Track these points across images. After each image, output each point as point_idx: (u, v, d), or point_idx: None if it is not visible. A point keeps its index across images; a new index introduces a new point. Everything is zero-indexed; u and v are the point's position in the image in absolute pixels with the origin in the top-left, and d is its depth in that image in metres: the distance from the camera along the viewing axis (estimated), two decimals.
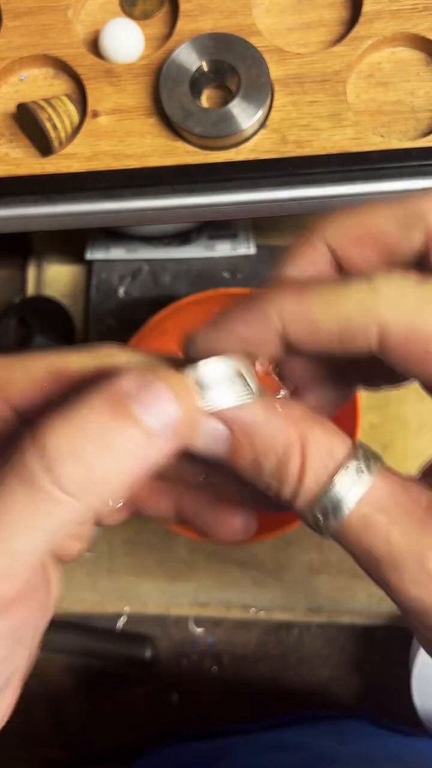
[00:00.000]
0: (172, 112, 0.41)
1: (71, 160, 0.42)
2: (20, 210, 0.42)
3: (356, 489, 0.19)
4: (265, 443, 0.20)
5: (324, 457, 0.19)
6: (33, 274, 0.60)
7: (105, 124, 0.42)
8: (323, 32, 0.43)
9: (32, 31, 0.44)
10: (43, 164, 0.42)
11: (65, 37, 0.43)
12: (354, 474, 0.19)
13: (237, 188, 0.41)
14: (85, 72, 0.43)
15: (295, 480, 0.20)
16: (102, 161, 0.41)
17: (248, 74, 0.41)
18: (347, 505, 0.19)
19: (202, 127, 0.41)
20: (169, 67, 0.42)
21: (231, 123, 0.41)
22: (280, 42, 0.43)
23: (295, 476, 0.20)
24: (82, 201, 0.41)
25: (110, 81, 0.43)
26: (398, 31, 0.42)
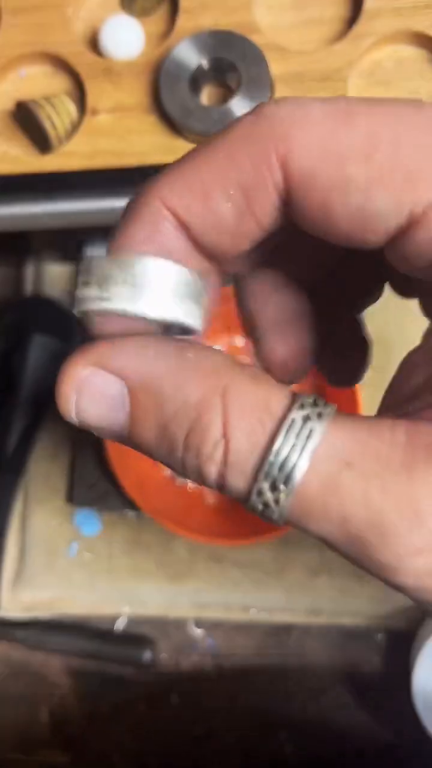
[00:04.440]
0: (172, 110, 0.41)
1: (70, 158, 0.41)
2: (19, 208, 0.42)
3: (308, 443, 0.14)
4: (173, 402, 0.15)
5: (255, 409, 0.14)
6: (31, 274, 0.60)
7: (104, 122, 0.42)
8: (324, 30, 0.43)
9: (31, 28, 0.43)
10: (42, 162, 0.42)
11: (64, 34, 0.43)
12: (300, 424, 0.14)
13: None
14: (85, 70, 0.43)
15: (220, 447, 0.14)
16: (101, 159, 0.41)
17: (249, 72, 0.41)
18: (300, 467, 0.14)
19: (202, 124, 0.41)
20: (169, 64, 0.41)
21: (231, 120, 0.41)
22: (280, 39, 0.42)
23: (218, 441, 0.14)
24: (82, 199, 0.41)
25: (110, 78, 0.42)
26: (400, 28, 0.41)
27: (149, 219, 0.15)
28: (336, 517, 0.14)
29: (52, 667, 0.58)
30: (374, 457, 0.14)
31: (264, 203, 0.15)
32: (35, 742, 0.59)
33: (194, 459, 0.15)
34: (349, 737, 0.56)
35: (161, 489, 0.50)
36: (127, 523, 0.56)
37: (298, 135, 0.14)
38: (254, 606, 0.56)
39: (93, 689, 0.59)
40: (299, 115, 0.15)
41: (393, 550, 0.13)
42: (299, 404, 0.14)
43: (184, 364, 0.15)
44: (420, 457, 0.13)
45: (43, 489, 0.57)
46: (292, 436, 0.14)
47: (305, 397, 0.15)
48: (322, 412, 0.14)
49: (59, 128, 0.42)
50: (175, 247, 0.15)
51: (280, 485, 0.14)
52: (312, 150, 0.14)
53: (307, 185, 0.14)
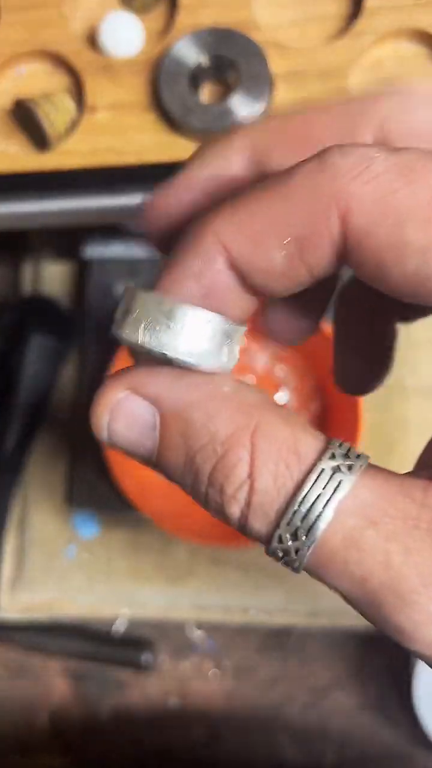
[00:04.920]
0: (171, 108, 0.40)
1: (69, 156, 0.41)
2: (17, 207, 0.41)
3: (335, 495, 0.14)
4: (202, 434, 0.15)
5: (284, 453, 0.14)
6: (30, 273, 0.59)
7: (103, 120, 0.42)
8: (325, 27, 0.43)
9: (30, 26, 0.43)
10: (41, 161, 0.41)
11: (63, 31, 0.43)
12: (329, 474, 0.14)
13: None
14: (84, 67, 0.42)
15: (245, 487, 0.14)
16: (100, 157, 0.41)
17: (248, 69, 0.41)
18: (324, 519, 0.14)
19: (202, 122, 0.40)
20: (169, 61, 0.41)
21: (231, 118, 0.40)
22: (280, 37, 0.42)
23: (243, 481, 0.14)
24: (80, 198, 0.40)
25: (109, 76, 0.42)
26: (401, 25, 0.41)
27: (203, 253, 0.15)
28: (355, 575, 0.14)
29: (50, 670, 0.58)
30: (402, 517, 0.13)
31: (319, 256, 0.15)
32: (34, 744, 0.58)
33: (218, 496, 0.15)
34: (349, 741, 0.56)
35: (161, 491, 0.49)
36: (126, 525, 0.56)
37: (358, 191, 0.14)
38: (254, 608, 0.56)
39: (92, 691, 0.58)
40: (362, 167, 0.14)
41: (410, 615, 0.13)
42: (330, 453, 0.14)
43: (217, 397, 0.15)
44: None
45: (41, 490, 0.57)
46: (319, 486, 0.14)
47: (338, 446, 0.14)
48: (353, 464, 0.14)
49: (58, 126, 0.41)
50: (223, 283, 0.15)
51: (301, 535, 0.14)
52: (370, 208, 0.14)
53: (363, 244, 0.14)
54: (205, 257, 0.15)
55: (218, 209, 0.15)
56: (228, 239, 0.15)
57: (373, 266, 0.14)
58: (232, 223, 0.15)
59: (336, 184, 0.14)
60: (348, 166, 0.14)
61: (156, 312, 0.15)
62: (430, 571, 0.13)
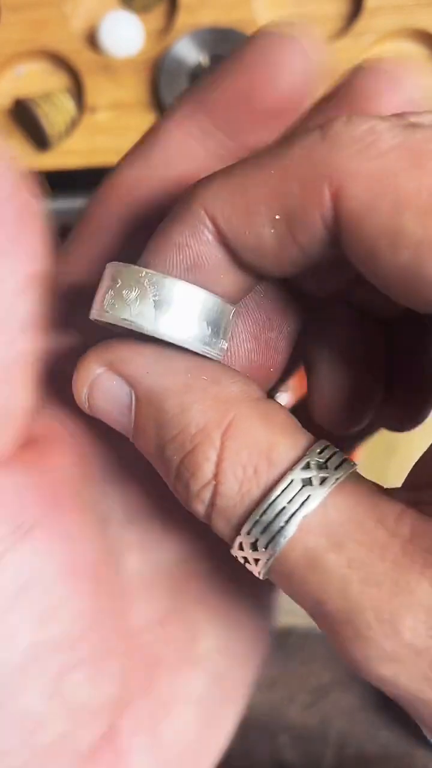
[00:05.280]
0: None
1: (69, 156, 0.41)
2: None
3: (300, 510, 0.12)
4: (173, 424, 0.14)
5: (255, 458, 0.13)
6: None
7: (103, 120, 0.42)
8: (325, 27, 0.43)
9: (30, 25, 0.43)
10: (41, 160, 0.41)
11: (63, 31, 0.43)
12: (299, 486, 0.13)
13: None
14: (83, 67, 0.42)
15: (209, 488, 0.13)
16: (100, 157, 0.41)
17: None
18: (284, 535, 0.13)
19: None
20: (168, 61, 0.41)
21: None
22: None
23: (208, 481, 0.13)
24: (80, 197, 0.40)
25: (109, 76, 0.42)
26: (401, 25, 0.41)
27: (189, 224, 0.14)
28: (312, 597, 0.13)
29: None
30: (368, 543, 0.12)
31: (309, 235, 0.13)
32: None
33: (184, 491, 0.14)
34: (349, 741, 0.56)
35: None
36: None
37: (356, 167, 0.12)
38: None
39: None
40: (366, 142, 0.12)
41: (362, 649, 0.12)
42: (305, 462, 0.13)
43: (193, 387, 0.14)
44: (417, 561, 0.12)
45: None
46: (285, 498, 0.13)
47: (317, 453, 0.13)
48: (328, 477, 0.13)
49: (58, 126, 0.41)
50: (210, 256, 0.14)
51: (261, 546, 0.13)
52: (366, 188, 0.12)
53: (355, 227, 0.12)
54: (191, 228, 0.14)
55: (208, 178, 0.14)
56: (216, 211, 0.14)
57: (364, 253, 0.12)
58: (221, 193, 0.14)
59: (333, 157, 0.12)
60: (351, 138, 0.12)
61: (136, 285, 0.14)
62: (388, 606, 0.12)
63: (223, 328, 0.15)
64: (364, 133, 0.12)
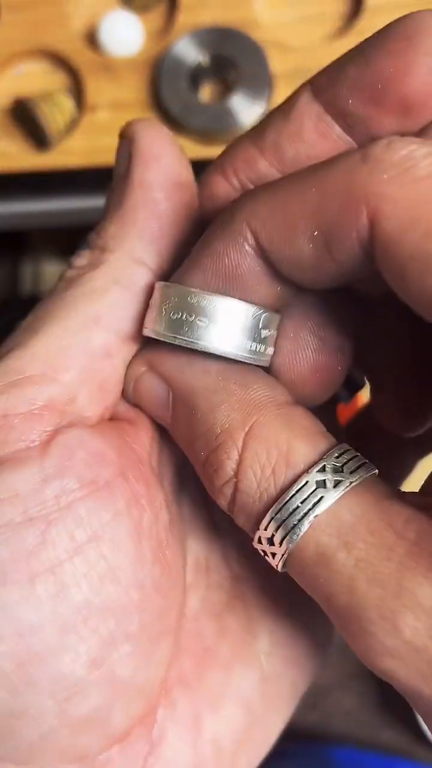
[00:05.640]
0: (171, 107, 0.40)
1: (69, 155, 0.41)
2: (17, 206, 0.41)
3: (313, 510, 0.13)
4: (202, 422, 0.15)
5: (273, 459, 0.14)
6: (29, 273, 0.59)
7: (103, 119, 0.41)
8: (325, 26, 0.43)
9: (30, 25, 0.43)
10: (41, 160, 0.41)
11: (63, 30, 0.43)
12: (312, 489, 0.14)
13: None
14: (84, 66, 0.42)
15: (230, 483, 0.14)
16: (100, 157, 0.41)
17: (248, 68, 0.41)
18: (297, 532, 0.13)
19: (201, 121, 0.40)
20: (168, 61, 0.41)
21: (231, 117, 0.40)
22: (280, 36, 0.42)
23: (230, 478, 0.14)
24: (80, 197, 0.40)
25: (109, 75, 0.42)
26: None
27: (230, 236, 0.15)
28: (322, 591, 0.14)
29: None
30: (377, 545, 0.13)
31: (346, 253, 0.14)
32: None
33: (209, 484, 0.15)
34: (349, 741, 0.56)
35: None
36: None
37: (393, 193, 0.13)
38: None
39: None
40: (404, 167, 0.13)
41: (366, 643, 0.13)
42: (321, 466, 0.14)
43: (221, 389, 0.15)
44: (421, 564, 0.12)
45: None
46: (298, 498, 0.14)
47: (335, 457, 0.14)
48: (342, 480, 0.14)
49: (58, 126, 0.41)
50: (247, 266, 0.15)
51: (277, 542, 0.14)
52: (401, 213, 0.13)
53: (389, 250, 0.13)
54: (232, 239, 0.15)
55: (252, 191, 0.15)
56: (257, 224, 0.14)
57: (396, 275, 0.13)
58: (263, 208, 0.14)
59: (371, 181, 0.13)
60: (389, 163, 0.13)
61: (182, 304, 0.15)
62: (390, 605, 0.12)
63: (268, 335, 0.16)
64: (402, 158, 0.13)
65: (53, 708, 0.15)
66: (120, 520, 0.15)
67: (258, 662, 0.18)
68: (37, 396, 0.15)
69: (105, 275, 0.16)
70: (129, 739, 0.16)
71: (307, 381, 0.17)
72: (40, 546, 0.14)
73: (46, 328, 0.16)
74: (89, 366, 0.16)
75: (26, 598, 0.14)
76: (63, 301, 0.16)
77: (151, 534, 0.16)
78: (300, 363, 0.17)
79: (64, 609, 0.14)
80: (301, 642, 0.19)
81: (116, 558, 0.15)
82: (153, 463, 0.17)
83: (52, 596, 0.14)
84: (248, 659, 0.18)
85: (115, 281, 0.16)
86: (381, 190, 0.13)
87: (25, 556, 0.14)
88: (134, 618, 0.15)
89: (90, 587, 0.15)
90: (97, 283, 0.16)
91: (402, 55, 0.14)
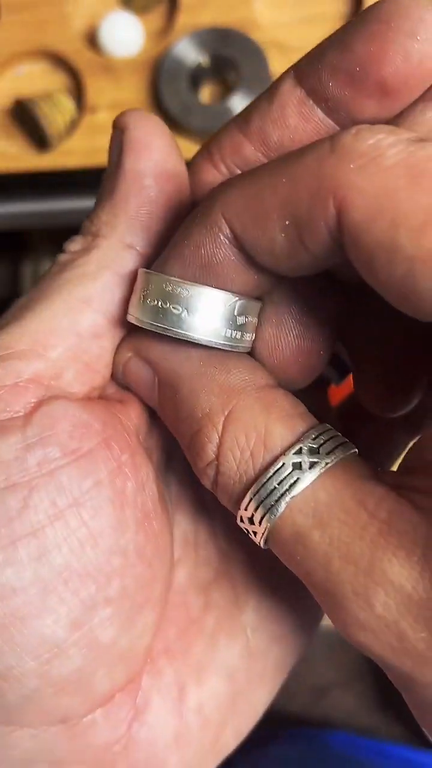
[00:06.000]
0: (171, 108, 0.40)
1: (69, 156, 0.41)
2: (17, 207, 0.41)
3: (289, 491, 0.14)
4: (185, 406, 0.15)
5: (252, 442, 0.14)
6: (29, 273, 0.59)
7: (103, 120, 0.42)
8: (325, 26, 0.43)
9: (30, 25, 0.43)
10: (41, 160, 0.41)
11: (63, 31, 0.43)
12: (288, 471, 0.14)
13: None
14: (84, 67, 0.42)
15: (212, 465, 0.15)
16: (100, 157, 0.41)
17: (248, 69, 0.41)
18: (274, 513, 0.14)
19: (201, 122, 0.40)
20: (169, 61, 0.41)
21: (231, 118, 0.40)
22: (280, 36, 0.42)
23: (211, 460, 0.15)
24: (80, 197, 0.40)
25: (109, 76, 0.42)
26: None
27: (206, 226, 0.15)
28: (301, 568, 0.14)
29: None
30: (350, 523, 0.13)
31: (316, 242, 0.14)
32: None
33: (193, 465, 0.16)
34: None
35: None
36: None
37: (360, 183, 0.13)
38: None
39: None
40: (371, 157, 0.13)
41: (341, 617, 0.14)
42: (297, 448, 0.14)
43: (202, 374, 0.16)
44: (391, 543, 0.13)
45: None
46: (275, 480, 0.14)
47: (311, 439, 0.14)
48: (317, 462, 0.14)
49: (58, 126, 0.41)
50: (223, 255, 0.15)
51: (257, 522, 0.14)
52: (367, 203, 0.13)
53: (356, 239, 0.13)
54: (208, 229, 0.15)
55: (227, 182, 0.15)
56: (232, 215, 0.15)
57: (364, 264, 0.13)
58: (237, 199, 0.15)
59: (338, 171, 0.13)
60: (357, 152, 0.13)
61: (162, 292, 0.16)
62: (363, 581, 0.13)
63: (244, 322, 0.16)
64: (369, 148, 0.13)
65: (36, 669, 0.15)
66: (101, 488, 0.16)
67: (244, 636, 0.19)
68: (23, 369, 0.16)
69: (97, 260, 0.17)
70: (113, 704, 0.17)
71: (290, 365, 0.17)
72: (22, 510, 0.15)
73: (38, 308, 0.17)
74: (77, 345, 0.16)
75: (9, 560, 0.15)
76: (55, 284, 0.17)
77: (136, 503, 0.16)
78: (282, 348, 0.17)
79: (45, 572, 0.15)
80: (287, 618, 0.20)
81: (97, 524, 0.15)
82: (141, 437, 0.18)
83: (33, 559, 0.15)
84: (233, 632, 0.19)
85: (107, 266, 0.17)
86: (348, 179, 0.13)
87: (7, 520, 0.15)
88: (115, 583, 0.16)
89: (71, 551, 0.15)
90: (89, 267, 0.17)
91: (380, 38, 0.14)
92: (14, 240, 0.58)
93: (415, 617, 0.13)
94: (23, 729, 0.15)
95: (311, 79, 0.15)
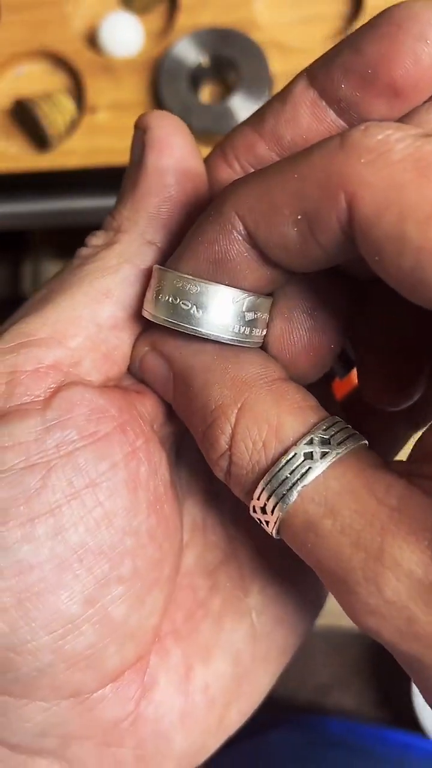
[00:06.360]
0: (171, 108, 0.40)
1: (69, 156, 0.41)
2: (17, 206, 0.41)
3: (300, 481, 0.14)
4: (198, 399, 0.16)
5: (264, 433, 0.15)
6: (30, 272, 0.59)
7: (103, 120, 0.42)
8: (325, 27, 0.43)
9: (30, 25, 0.43)
10: (41, 160, 0.41)
11: (63, 31, 0.43)
12: (300, 461, 0.14)
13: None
14: (84, 67, 0.42)
15: (225, 456, 0.15)
16: (100, 157, 0.41)
17: (248, 69, 0.41)
18: (287, 500, 0.14)
19: (201, 122, 0.40)
20: (169, 62, 0.41)
21: (231, 118, 0.40)
22: (280, 36, 0.42)
23: (224, 452, 0.15)
24: (80, 197, 0.40)
25: (109, 76, 0.42)
26: None
27: (219, 222, 0.15)
28: (312, 556, 0.14)
29: None
30: (361, 511, 0.14)
31: (328, 236, 0.14)
32: None
33: (206, 456, 0.16)
34: None
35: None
36: None
37: (369, 177, 0.13)
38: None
39: None
40: (380, 152, 0.13)
41: (352, 603, 0.14)
42: (309, 438, 0.15)
43: (215, 368, 0.16)
44: (402, 529, 0.13)
45: None
46: (287, 470, 0.14)
47: (323, 430, 0.15)
48: (328, 452, 0.14)
49: (58, 126, 0.41)
50: (236, 252, 0.15)
51: (269, 511, 0.15)
52: (377, 197, 0.13)
53: (366, 232, 0.13)
54: (221, 225, 0.15)
55: (241, 180, 0.15)
56: (245, 211, 0.15)
57: (375, 256, 0.13)
58: (250, 195, 0.15)
59: (348, 166, 0.13)
60: (366, 148, 0.13)
61: (174, 289, 0.16)
62: (373, 567, 0.13)
63: (254, 318, 0.16)
64: (378, 143, 0.13)
65: (50, 643, 0.15)
66: (117, 470, 0.16)
67: (249, 618, 0.19)
68: (44, 356, 0.16)
69: (118, 254, 0.17)
70: (122, 681, 0.17)
71: (301, 359, 0.17)
72: (40, 490, 0.15)
73: (58, 299, 0.17)
74: (96, 335, 0.17)
75: (27, 537, 0.15)
76: (76, 276, 0.17)
77: (149, 486, 0.17)
78: (294, 342, 0.17)
79: (61, 549, 0.15)
80: (291, 602, 0.20)
81: (112, 505, 0.16)
82: (155, 426, 0.18)
83: (50, 536, 0.15)
84: (239, 614, 0.19)
85: (127, 260, 0.17)
86: (357, 174, 0.13)
87: (26, 498, 0.15)
88: (127, 562, 0.16)
89: (86, 529, 0.16)
90: (110, 261, 0.17)
91: (391, 40, 0.15)
92: (14, 240, 0.58)
93: (425, 601, 0.13)
94: (36, 702, 0.16)
95: (324, 81, 0.16)
